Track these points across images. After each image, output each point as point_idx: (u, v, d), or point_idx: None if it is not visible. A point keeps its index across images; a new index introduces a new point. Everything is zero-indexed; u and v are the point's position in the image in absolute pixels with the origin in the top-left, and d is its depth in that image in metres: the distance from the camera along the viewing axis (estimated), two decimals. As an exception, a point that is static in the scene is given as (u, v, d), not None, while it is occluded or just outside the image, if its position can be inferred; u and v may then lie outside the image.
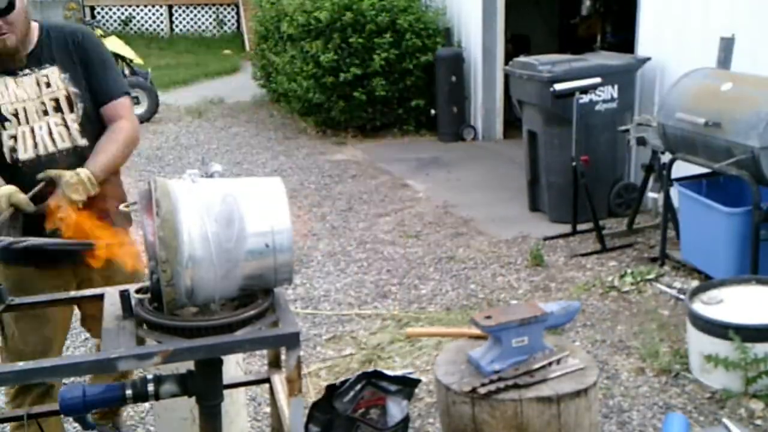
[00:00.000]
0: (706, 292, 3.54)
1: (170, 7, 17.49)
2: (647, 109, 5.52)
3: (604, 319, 4.10)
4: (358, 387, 2.68)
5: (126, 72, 9.77)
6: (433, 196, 6.43)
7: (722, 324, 3.25)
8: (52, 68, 2.53)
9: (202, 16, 17.69)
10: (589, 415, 2.58)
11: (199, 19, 17.69)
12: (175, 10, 17.58)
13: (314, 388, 3.45)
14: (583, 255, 4.95)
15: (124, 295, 1.94)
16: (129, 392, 1.89)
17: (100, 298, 2.11)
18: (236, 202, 1.78)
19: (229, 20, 17.85)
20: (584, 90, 5.06)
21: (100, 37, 9.56)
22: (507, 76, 6.10)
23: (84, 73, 2.56)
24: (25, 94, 2.50)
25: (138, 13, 17.31)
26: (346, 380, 2.69)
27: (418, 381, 2.91)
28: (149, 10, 17.39)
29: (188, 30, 17.64)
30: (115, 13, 17.24)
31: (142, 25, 17.38)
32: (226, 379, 2.08)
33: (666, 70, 5.44)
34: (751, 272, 3.87)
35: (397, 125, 8.65)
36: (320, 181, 6.97)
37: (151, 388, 1.89)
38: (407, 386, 2.78)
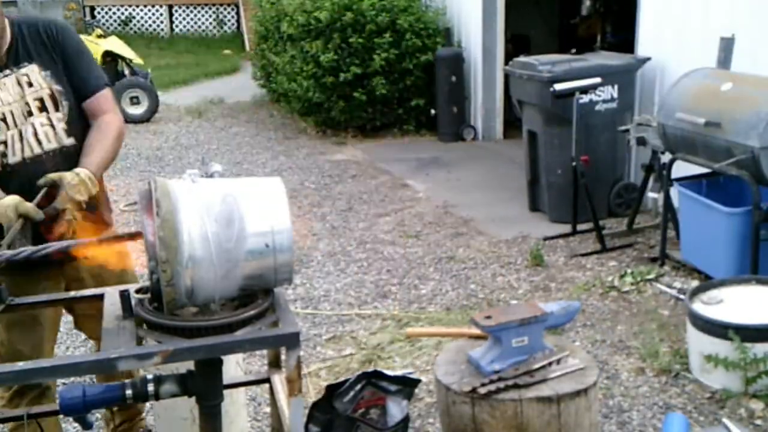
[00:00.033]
0: (706, 292, 3.54)
1: (170, 7, 17.49)
2: (647, 109, 5.52)
3: (604, 319, 4.10)
4: (358, 387, 2.67)
5: (126, 72, 9.77)
6: (433, 196, 6.42)
7: (722, 324, 3.25)
8: (31, 66, 2.40)
9: (202, 16, 17.69)
10: (589, 415, 2.58)
11: (199, 19, 17.69)
12: (175, 10, 17.58)
13: (314, 388, 3.45)
14: (583, 255, 4.95)
15: (124, 295, 1.94)
16: (129, 392, 1.88)
17: (100, 298, 2.10)
18: (236, 202, 1.78)
19: (229, 20, 17.84)
20: (584, 90, 5.06)
21: (99, 36, 9.59)
22: (507, 76, 6.10)
23: (64, 69, 2.44)
24: (9, 97, 2.38)
25: (138, 13, 17.31)
26: (346, 380, 2.69)
27: (418, 381, 2.91)
28: (149, 10, 17.38)
29: (188, 30, 17.64)
30: (115, 13, 17.23)
31: (142, 25, 17.38)
32: (226, 379, 2.07)
33: (666, 70, 5.44)
34: (751, 272, 3.87)
35: (397, 125, 8.65)
36: (320, 181, 6.97)
37: (151, 388, 1.89)
38: (407, 386, 2.77)
